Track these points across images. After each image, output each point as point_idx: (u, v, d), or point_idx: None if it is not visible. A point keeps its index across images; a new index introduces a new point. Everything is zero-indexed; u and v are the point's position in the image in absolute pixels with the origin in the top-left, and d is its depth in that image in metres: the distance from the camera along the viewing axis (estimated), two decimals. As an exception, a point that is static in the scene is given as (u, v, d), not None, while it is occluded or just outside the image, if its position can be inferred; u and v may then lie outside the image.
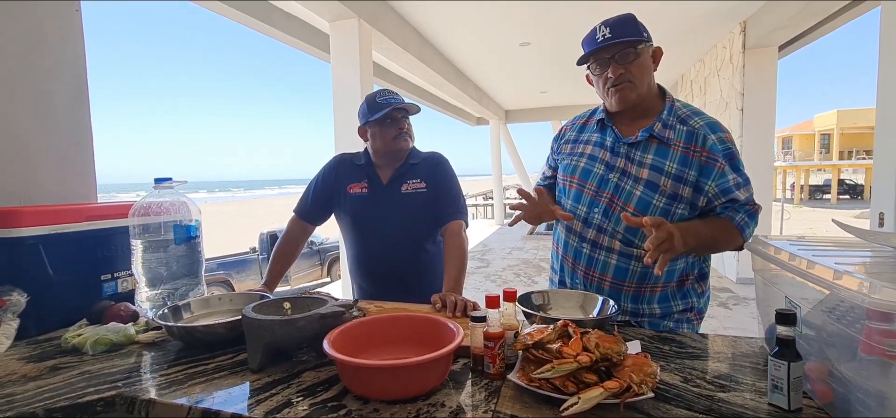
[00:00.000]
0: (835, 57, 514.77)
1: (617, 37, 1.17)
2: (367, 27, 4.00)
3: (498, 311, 0.88)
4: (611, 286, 1.26)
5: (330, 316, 0.94)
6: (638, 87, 1.21)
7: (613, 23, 1.19)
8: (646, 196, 1.20)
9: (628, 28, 1.19)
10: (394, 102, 1.54)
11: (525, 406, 0.76)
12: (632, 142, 1.23)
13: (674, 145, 1.19)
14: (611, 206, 1.24)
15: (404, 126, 1.57)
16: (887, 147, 2.87)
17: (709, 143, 1.18)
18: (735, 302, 4.74)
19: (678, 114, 1.23)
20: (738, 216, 1.17)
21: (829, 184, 24.39)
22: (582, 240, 1.29)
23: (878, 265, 0.76)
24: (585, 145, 1.33)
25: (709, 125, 1.20)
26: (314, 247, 8.81)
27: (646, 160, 1.21)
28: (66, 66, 1.52)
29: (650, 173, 1.20)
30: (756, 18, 4.94)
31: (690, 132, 1.20)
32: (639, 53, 1.20)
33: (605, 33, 1.18)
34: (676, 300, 1.27)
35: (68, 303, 1.25)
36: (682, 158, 1.18)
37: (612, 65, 1.20)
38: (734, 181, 1.17)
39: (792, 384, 0.71)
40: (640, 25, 1.21)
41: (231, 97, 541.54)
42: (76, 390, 0.87)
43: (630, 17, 1.20)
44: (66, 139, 1.52)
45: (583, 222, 1.28)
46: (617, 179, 1.24)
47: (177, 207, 1.33)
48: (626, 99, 1.21)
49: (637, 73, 1.20)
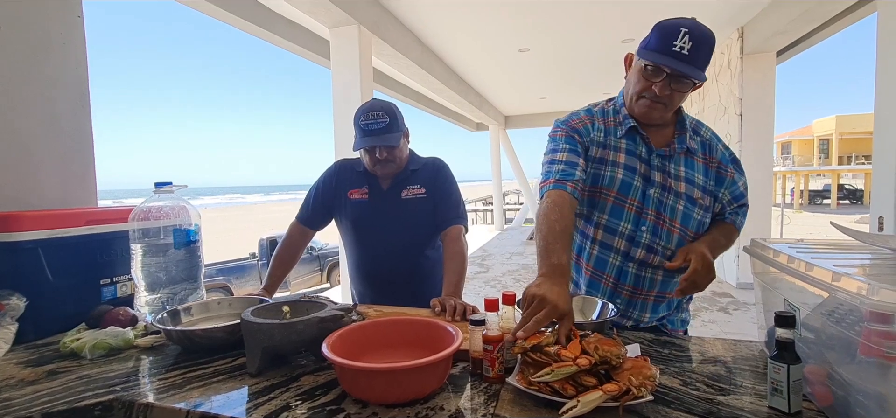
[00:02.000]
0: (833, 62, 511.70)
1: (693, 59, 1.05)
2: (367, 33, 4.02)
3: (497, 315, 0.88)
4: (655, 300, 1.24)
5: (329, 320, 0.94)
6: (668, 112, 1.16)
7: (699, 40, 1.04)
8: (688, 210, 1.18)
9: (704, 55, 1.07)
10: (374, 131, 1.48)
11: (524, 409, 0.76)
12: (665, 155, 1.19)
13: (697, 156, 1.22)
14: (658, 224, 1.17)
15: (383, 155, 1.50)
16: (886, 152, 2.88)
17: (718, 153, 1.23)
18: (735, 307, 4.73)
19: (690, 125, 1.25)
20: (739, 219, 1.26)
21: (829, 189, 24.41)
22: (627, 260, 1.20)
23: (876, 267, 0.76)
24: (617, 153, 1.20)
25: (714, 135, 1.27)
26: (314, 252, 8.81)
27: (680, 172, 1.19)
28: (67, 72, 1.52)
29: (686, 186, 1.18)
30: (754, 24, 4.97)
31: (705, 142, 1.24)
32: (691, 85, 1.10)
33: (685, 45, 1.04)
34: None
35: (67, 308, 1.24)
36: (705, 169, 1.22)
37: (662, 81, 1.09)
38: (743, 186, 1.24)
39: (792, 386, 0.71)
40: (710, 55, 1.09)
41: (232, 103, 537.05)
42: (74, 394, 0.86)
43: (713, 38, 1.08)
44: (67, 144, 1.52)
45: (629, 241, 1.19)
46: (658, 194, 1.17)
47: (176, 212, 1.33)
48: (651, 117, 1.16)
49: (679, 100, 1.14)
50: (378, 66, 5.86)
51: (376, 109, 1.50)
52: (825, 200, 24.32)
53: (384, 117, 1.48)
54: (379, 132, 1.48)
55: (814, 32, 4.93)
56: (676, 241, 1.18)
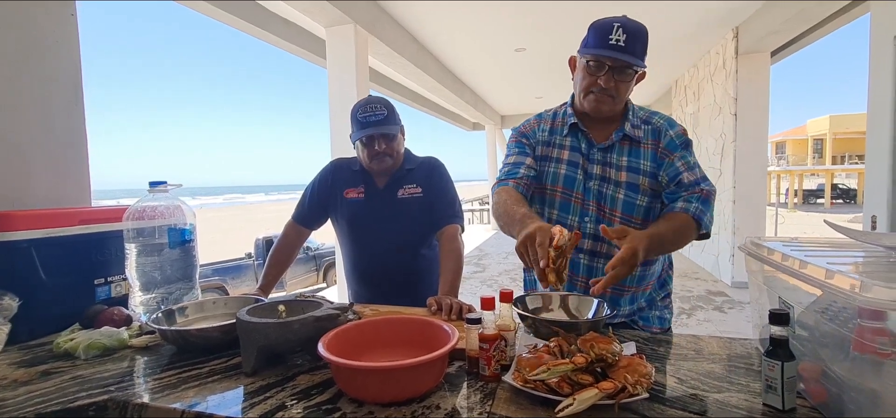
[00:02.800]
0: (827, 62, 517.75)
1: (628, 50, 1.13)
2: (363, 33, 4.01)
3: (493, 313, 0.88)
4: (611, 292, 1.26)
5: (325, 319, 0.94)
6: (616, 103, 1.21)
7: (631, 31, 1.13)
8: (629, 197, 1.22)
9: (640, 45, 1.15)
10: (372, 122, 1.49)
11: (520, 407, 0.76)
12: (605, 147, 1.24)
13: (644, 144, 1.23)
14: (600, 214, 1.24)
15: (381, 148, 1.51)
16: (879, 151, 2.90)
17: (667, 140, 1.23)
18: (730, 305, 4.75)
19: (639, 115, 1.27)
20: (692, 205, 1.16)
21: (823, 189, 24.59)
22: (578, 251, 1.26)
23: (869, 264, 0.76)
24: (561, 150, 1.29)
25: (667, 122, 1.26)
26: (310, 252, 8.78)
27: (621, 162, 1.23)
28: (61, 70, 1.51)
29: (628, 175, 1.22)
30: (748, 24, 4.99)
31: (655, 129, 1.24)
32: (638, 74, 1.19)
33: (619, 37, 1.12)
34: (658, 291, 1.34)
35: (61, 308, 1.23)
36: (653, 155, 1.22)
37: (606, 74, 1.17)
38: (683, 164, 1.20)
39: (786, 384, 0.71)
40: (647, 44, 1.17)
41: (228, 103, 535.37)
42: (68, 395, 0.86)
43: (645, 30, 1.16)
44: (61, 142, 1.51)
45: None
46: (598, 186, 1.24)
47: (171, 211, 1.32)
48: (601, 110, 1.22)
49: (623, 90, 1.20)
50: (374, 65, 5.85)
51: (374, 103, 1.52)
52: (819, 200, 24.50)
53: (382, 110, 1.51)
54: (377, 124, 1.49)
55: (808, 32, 4.95)
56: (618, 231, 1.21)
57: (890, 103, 2.77)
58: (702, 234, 1.19)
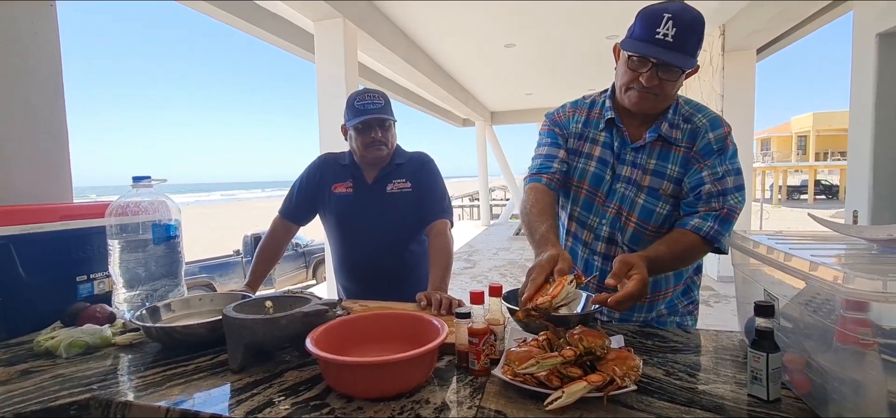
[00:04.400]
0: (811, 61, 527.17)
1: (678, 47, 0.99)
2: (352, 27, 3.98)
3: (483, 308, 0.88)
4: None
5: (313, 315, 0.93)
6: (660, 102, 1.10)
7: (683, 24, 0.98)
8: (649, 204, 1.14)
9: (692, 42, 1.01)
10: (370, 110, 1.50)
11: (510, 401, 0.76)
12: (638, 147, 1.15)
13: (676, 147, 1.13)
14: (618, 217, 1.17)
15: (377, 135, 1.51)
16: (861, 148, 2.96)
17: (703, 144, 1.11)
18: (716, 299, 4.82)
19: (682, 112, 1.15)
20: (707, 225, 1.06)
21: (806, 185, 25.04)
22: (592, 253, 1.22)
23: (852, 257, 0.78)
24: (593, 145, 1.20)
25: (711, 121, 1.13)
26: (299, 249, 8.72)
27: (649, 165, 1.14)
28: (40, 63, 1.47)
29: (652, 179, 1.13)
30: (734, 22, 5.05)
31: (694, 131, 1.13)
32: (681, 73, 1.05)
33: (668, 32, 0.98)
34: (681, 298, 1.27)
35: (41, 306, 1.21)
36: (683, 160, 1.12)
37: (649, 72, 1.04)
38: (709, 174, 1.09)
39: (770, 375, 0.72)
40: (701, 39, 1.03)
41: (213, 98, 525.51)
42: (48, 394, 0.84)
43: (701, 22, 1.01)
44: (41, 138, 1.47)
45: (593, 233, 1.21)
46: (622, 188, 1.16)
47: (156, 207, 1.30)
48: (643, 108, 1.11)
49: (670, 90, 1.07)
50: (364, 61, 5.80)
51: (371, 92, 1.54)
52: (802, 196, 24.94)
53: (380, 99, 1.53)
54: (375, 110, 1.51)
55: (792, 31, 5.03)
56: (630, 235, 1.16)
57: (871, 100, 2.83)
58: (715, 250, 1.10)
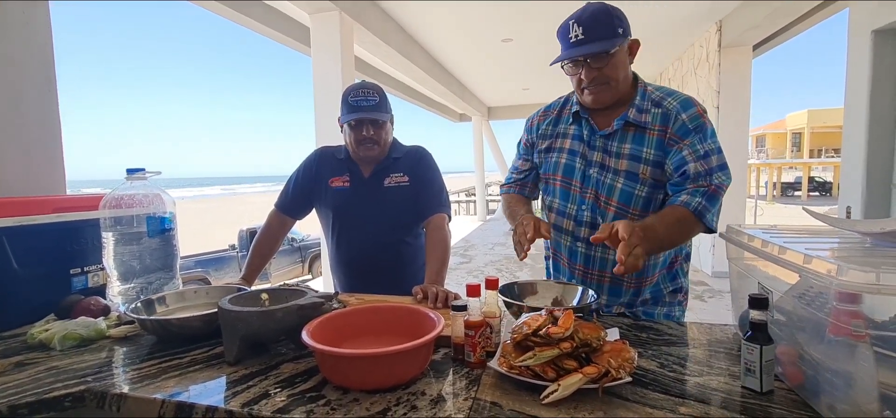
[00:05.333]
0: (807, 58, 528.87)
1: (590, 39, 1.09)
2: (348, 20, 3.95)
3: (479, 300, 0.88)
4: (611, 282, 1.24)
5: (309, 308, 0.93)
6: (612, 87, 1.15)
7: (586, 20, 1.09)
8: (627, 187, 1.17)
9: (602, 29, 1.09)
10: (363, 107, 1.47)
11: (505, 393, 0.77)
12: (607, 134, 1.20)
13: (649, 130, 1.16)
14: (597, 203, 1.21)
15: (369, 133, 1.49)
16: (854, 145, 2.98)
17: (678, 125, 1.13)
18: (710, 295, 4.86)
19: (652, 97, 1.18)
20: (695, 200, 1.08)
21: (800, 182, 25.20)
22: (576, 240, 1.26)
23: (845, 250, 0.78)
24: (564, 139, 1.28)
25: (682, 104, 1.15)
26: (295, 243, 8.70)
27: (624, 150, 1.17)
28: (31, 53, 1.46)
29: (629, 163, 1.17)
30: (731, 18, 5.06)
31: (665, 114, 1.15)
32: (613, 55, 1.12)
33: (577, 33, 1.10)
34: (667, 283, 1.27)
35: (35, 299, 1.20)
36: (659, 142, 1.15)
37: (585, 69, 1.14)
38: (690, 153, 1.11)
39: (764, 367, 0.73)
40: (616, 19, 1.11)
41: (208, 91, 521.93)
42: (43, 386, 0.84)
43: (603, 9, 1.10)
44: (33, 128, 1.46)
45: (574, 221, 1.25)
46: (597, 174, 1.20)
47: (150, 199, 1.29)
48: (601, 100, 1.18)
49: (612, 73, 1.14)
50: (359, 54, 5.77)
51: (366, 88, 1.51)
52: (797, 192, 25.10)
53: (374, 96, 1.50)
54: (368, 108, 1.48)
55: (788, 27, 5.04)
56: (611, 219, 1.18)
57: (866, 97, 2.85)
58: (705, 231, 1.13)
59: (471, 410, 0.72)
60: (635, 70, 1.25)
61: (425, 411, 0.72)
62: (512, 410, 0.71)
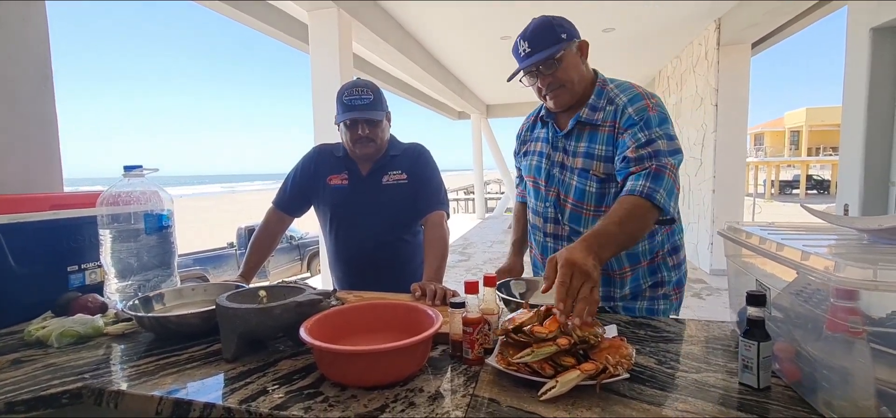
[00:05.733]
0: (805, 56, 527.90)
1: (536, 49, 1.19)
2: (346, 16, 3.94)
3: (477, 297, 0.88)
4: None
5: (307, 305, 0.93)
6: (569, 88, 1.23)
7: (531, 35, 1.20)
8: (580, 184, 1.24)
9: (545, 38, 1.19)
10: (357, 106, 1.46)
11: (503, 390, 0.77)
12: (565, 133, 1.27)
13: (602, 127, 1.21)
14: (558, 200, 1.30)
15: (365, 132, 1.48)
16: (852, 143, 2.98)
17: (625, 117, 1.16)
18: (708, 292, 4.87)
19: (608, 95, 1.23)
20: (639, 183, 1.06)
21: (798, 180, 25.24)
22: (545, 235, 1.35)
23: (843, 246, 0.78)
24: (535, 143, 1.39)
25: (630, 99, 1.18)
26: (294, 241, 8.70)
27: (579, 148, 1.24)
28: (28, 50, 1.45)
29: (583, 161, 1.23)
30: (730, 16, 5.06)
31: (615, 110, 1.20)
32: (561, 59, 1.20)
33: (525, 48, 1.20)
34: (646, 277, 1.27)
35: (32, 296, 1.20)
36: (610, 138, 1.19)
37: (540, 76, 1.24)
38: (632, 140, 1.12)
39: (761, 363, 0.73)
40: (558, 28, 1.20)
41: (206, 90, 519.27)
42: (40, 383, 0.83)
43: (545, 21, 1.20)
44: (29, 125, 1.45)
45: (542, 218, 1.35)
46: (558, 173, 1.29)
47: (148, 196, 1.29)
48: (563, 102, 1.25)
49: (564, 76, 1.22)
50: (358, 52, 5.76)
51: (361, 86, 1.49)
52: (795, 190, 25.14)
53: (369, 94, 1.48)
54: (362, 108, 1.47)
55: (787, 25, 5.05)
56: (569, 215, 1.27)
57: (864, 95, 2.85)
58: (663, 219, 1.10)
59: (469, 407, 0.72)
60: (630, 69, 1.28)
61: (423, 408, 0.72)
62: (510, 407, 0.71)
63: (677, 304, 1.32)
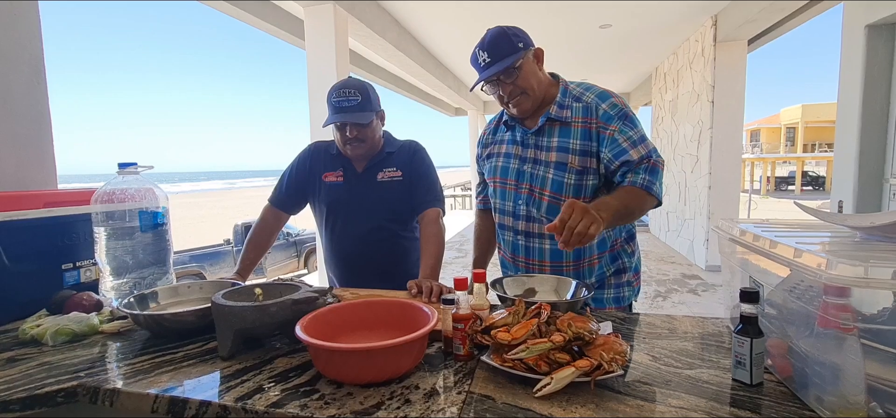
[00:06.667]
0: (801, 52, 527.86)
1: (495, 59, 1.23)
2: (342, 12, 3.92)
3: (467, 293, 0.89)
4: (552, 270, 1.32)
5: (303, 302, 0.93)
6: (530, 95, 1.28)
7: (489, 45, 1.24)
8: (557, 176, 1.28)
9: (502, 47, 1.23)
10: (345, 108, 1.46)
11: (498, 386, 0.77)
12: (535, 131, 1.31)
13: (573, 123, 1.27)
14: (531, 195, 1.32)
15: (353, 133, 1.48)
16: (847, 139, 3.00)
17: (601, 112, 1.25)
18: (704, 289, 4.89)
19: (573, 94, 1.31)
20: (639, 177, 1.20)
21: (794, 176, 25.35)
22: (516, 233, 1.37)
23: (835, 244, 0.79)
24: (500, 145, 1.42)
25: (599, 96, 1.28)
26: (291, 238, 8.68)
27: (552, 143, 1.29)
28: (19, 45, 1.44)
29: (558, 154, 1.27)
30: (726, 12, 5.06)
31: (586, 107, 1.28)
32: (520, 67, 1.25)
33: (484, 58, 1.25)
34: (609, 265, 1.34)
35: (26, 294, 1.19)
36: (584, 132, 1.26)
37: (501, 85, 1.28)
38: (626, 141, 1.22)
39: (754, 359, 0.74)
40: (513, 37, 1.25)
41: (202, 86, 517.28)
42: (35, 381, 0.83)
43: (500, 32, 1.25)
44: (21, 124, 1.44)
45: (512, 216, 1.36)
46: (530, 169, 1.32)
47: (143, 194, 1.28)
48: (524, 108, 1.30)
49: (524, 83, 1.27)
50: (354, 48, 5.74)
51: (349, 87, 1.48)
52: (790, 186, 25.25)
53: (356, 95, 1.47)
54: (350, 110, 1.46)
55: (783, 21, 5.05)
56: (546, 208, 1.30)
57: (859, 92, 2.87)
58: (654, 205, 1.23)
59: (464, 404, 0.72)
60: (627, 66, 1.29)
61: (419, 405, 0.72)
62: (505, 403, 0.72)
63: (638, 289, 1.41)
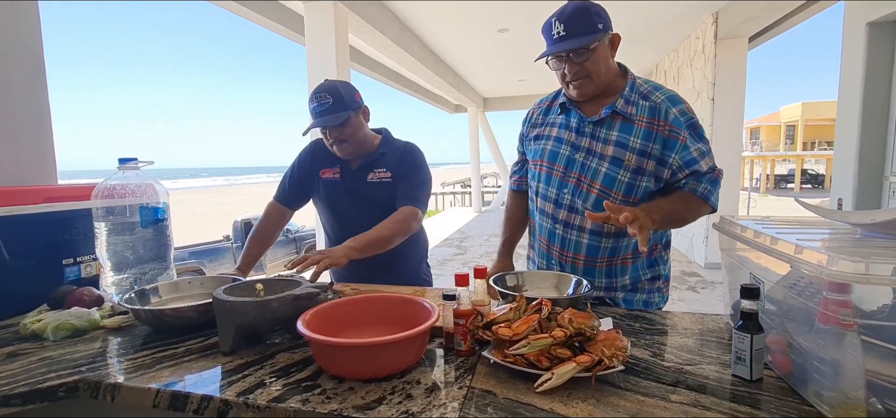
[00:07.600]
0: (802, 50, 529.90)
1: (571, 35, 1.16)
2: (342, 8, 3.91)
3: (468, 289, 0.89)
4: (585, 264, 1.28)
5: (304, 298, 0.93)
6: (595, 80, 1.22)
7: (567, 18, 1.16)
8: (611, 172, 1.22)
9: (582, 25, 1.16)
10: (319, 113, 1.46)
11: (499, 382, 0.77)
12: (596, 121, 1.24)
13: (637, 120, 1.21)
14: (579, 185, 1.26)
15: (333, 136, 1.48)
16: (847, 137, 3.00)
17: (671, 117, 1.19)
18: (703, 286, 4.90)
19: (640, 90, 1.24)
20: (701, 186, 1.19)
21: (794, 174, 25.36)
22: (555, 222, 1.31)
23: (836, 240, 0.79)
24: (551, 128, 1.35)
25: (669, 99, 1.22)
26: (290, 234, 8.67)
27: (611, 137, 1.23)
28: (19, 41, 1.43)
29: (615, 149, 1.21)
30: (727, 10, 5.05)
31: (653, 107, 1.21)
32: (594, 49, 1.18)
33: (559, 30, 1.17)
34: (645, 269, 1.30)
35: (27, 289, 1.19)
36: (646, 133, 1.20)
37: (568, 64, 1.21)
38: (697, 152, 1.19)
39: (754, 355, 0.74)
40: (595, 16, 1.17)
41: (203, 82, 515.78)
42: (36, 376, 0.83)
43: (583, 7, 1.17)
44: (21, 117, 1.44)
45: (554, 204, 1.30)
46: (583, 158, 1.25)
47: (143, 189, 1.28)
48: (585, 92, 1.24)
49: (593, 67, 1.20)
50: (355, 44, 5.73)
51: (321, 91, 1.47)
52: (790, 184, 25.26)
53: (327, 98, 1.45)
54: (323, 113, 1.46)
55: (784, 19, 5.05)
56: (594, 201, 1.24)
57: (860, 89, 2.86)
58: (709, 212, 1.23)
59: (465, 399, 0.72)
60: (628, 62, 1.29)
61: (420, 400, 0.72)
62: (506, 398, 0.72)
63: (666, 297, 1.37)
